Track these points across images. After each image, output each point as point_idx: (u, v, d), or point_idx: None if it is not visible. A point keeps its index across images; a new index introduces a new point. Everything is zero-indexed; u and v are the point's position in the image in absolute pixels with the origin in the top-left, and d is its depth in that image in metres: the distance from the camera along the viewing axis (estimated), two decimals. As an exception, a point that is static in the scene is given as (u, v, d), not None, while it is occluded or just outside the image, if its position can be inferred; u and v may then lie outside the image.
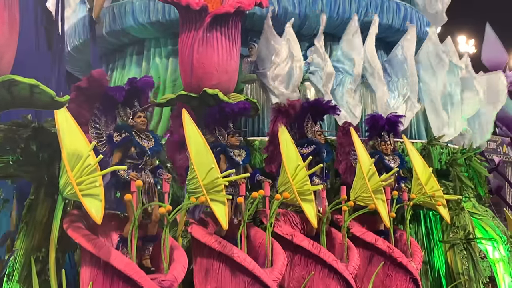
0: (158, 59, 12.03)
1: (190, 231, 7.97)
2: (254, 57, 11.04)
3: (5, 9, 6.40)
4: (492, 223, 11.89)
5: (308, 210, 8.51)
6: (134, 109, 7.41)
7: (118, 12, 11.94)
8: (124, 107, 7.40)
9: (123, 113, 7.39)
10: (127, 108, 7.40)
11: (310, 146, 9.40)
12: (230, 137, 8.58)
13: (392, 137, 10.20)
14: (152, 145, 7.40)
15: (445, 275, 10.82)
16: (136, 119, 7.38)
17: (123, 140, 7.17)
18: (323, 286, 8.68)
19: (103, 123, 7.42)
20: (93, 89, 7.24)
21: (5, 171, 7.17)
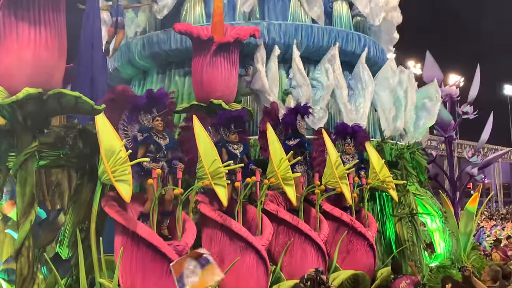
0: (177, 78, 12.04)
1: (199, 208, 7.92)
2: (250, 76, 11.01)
3: (56, 40, 6.33)
4: (430, 202, 11.90)
5: (289, 192, 8.47)
6: (153, 114, 7.38)
7: (147, 41, 11.95)
8: (145, 113, 7.40)
9: (144, 118, 7.41)
10: (147, 114, 7.39)
11: (296, 139, 9.37)
12: (231, 135, 8.53)
13: (353, 141, 10.16)
14: (167, 142, 7.38)
15: (394, 241, 10.81)
16: (154, 122, 7.37)
17: (144, 139, 7.21)
18: (301, 249, 8.68)
19: (129, 125, 7.40)
20: (119, 100, 7.23)
21: (56, 163, 7.15)
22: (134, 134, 7.29)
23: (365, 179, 10.03)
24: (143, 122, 7.39)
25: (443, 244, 11.87)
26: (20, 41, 6.10)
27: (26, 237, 6.24)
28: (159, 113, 7.39)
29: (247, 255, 7.70)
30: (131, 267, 6.73)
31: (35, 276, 6.33)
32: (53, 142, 6.96)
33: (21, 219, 6.27)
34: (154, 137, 7.26)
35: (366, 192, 10.05)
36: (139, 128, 7.36)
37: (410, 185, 11.38)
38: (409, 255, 10.57)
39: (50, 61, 6.28)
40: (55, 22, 6.33)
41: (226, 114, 8.74)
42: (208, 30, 9.98)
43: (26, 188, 6.31)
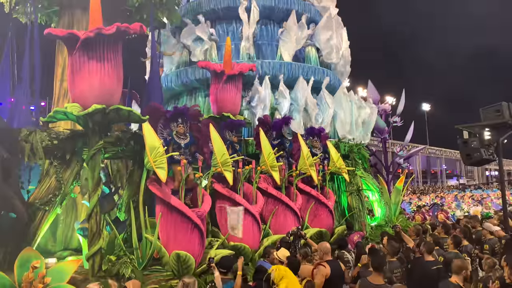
0: (200, 98, 11.90)
1: (213, 186, 7.82)
2: (248, 97, 10.90)
3: (115, 71, 6.24)
4: (371, 182, 11.79)
5: (275, 175, 8.38)
6: (177, 123, 7.25)
7: (180, 74, 11.82)
8: (172, 122, 7.24)
9: (172, 125, 7.24)
10: (174, 122, 7.24)
11: (277, 140, 9.26)
12: (233, 137, 8.42)
13: (318, 139, 10.05)
14: (187, 141, 7.23)
15: (347, 209, 10.69)
16: (178, 128, 7.22)
17: (168, 140, 7.09)
18: (283, 214, 8.58)
19: (164, 130, 7.25)
20: (154, 112, 7.12)
21: (116, 155, 7.04)
22: (165, 137, 7.16)
23: (327, 166, 9.94)
24: (171, 128, 7.24)
25: (380, 210, 11.77)
26: (90, 72, 6.03)
27: (95, 206, 6.16)
28: (182, 121, 7.27)
29: (246, 218, 7.61)
30: (166, 226, 6.63)
31: (101, 232, 6.24)
32: (114, 141, 6.81)
33: (91, 193, 6.18)
34: (175, 139, 7.14)
35: (327, 175, 9.95)
36: (168, 132, 7.22)
37: (357, 170, 11.24)
38: (357, 218, 10.46)
39: (111, 86, 6.19)
40: (115, 59, 6.25)
41: (229, 123, 8.66)
42: (221, 66, 9.86)
43: (95, 172, 6.22)
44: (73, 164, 6.64)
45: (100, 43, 6.03)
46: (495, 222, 9.52)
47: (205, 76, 11.12)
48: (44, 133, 6.50)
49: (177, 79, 11.82)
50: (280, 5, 12.10)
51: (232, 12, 12.04)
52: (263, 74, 11.11)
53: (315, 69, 11.83)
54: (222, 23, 12.34)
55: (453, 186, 63.66)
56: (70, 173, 6.62)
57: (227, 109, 9.58)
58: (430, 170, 76.23)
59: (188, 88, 12.13)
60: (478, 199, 23.36)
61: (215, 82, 9.74)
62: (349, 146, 11.30)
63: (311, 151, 9.75)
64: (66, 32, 5.91)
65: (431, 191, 48.05)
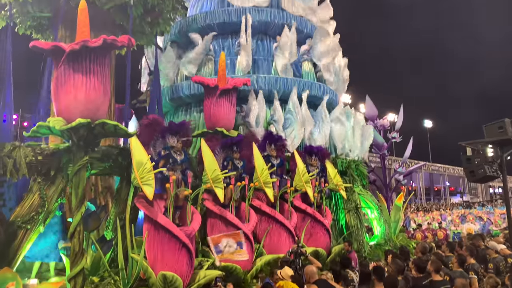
0: (195, 113, 11.73)
1: (204, 203, 7.59)
2: (243, 112, 10.74)
3: (101, 85, 6.08)
4: (370, 199, 11.56)
5: (268, 192, 8.16)
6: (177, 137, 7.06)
7: (175, 88, 11.70)
8: (172, 136, 7.05)
9: (167, 140, 7.04)
10: (173, 137, 7.05)
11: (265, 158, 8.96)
12: (234, 154, 8.22)
13: (317, 157, 9.84)
14: (182, 158, 7.03)
15: (345, 227, 10.42)
16: (177, 144, 7.03)
17: (165, 155, 6.89)
18: (277, 233, 8.33)
19: (158, 143, 7.06)
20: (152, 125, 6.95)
21: (104, 172, 6.90)
22: (159, 151, 6.96)
23: (324, 183, 9.70)
24: (169, 142, 7.02)
25: (379, 228, 11.49)
26: (75, 86, 5.87)
27: (78, 224, 5.92)
28: (180, 136, 7.08)
29: (238, 237, 7.36)
30: (154, 245, 6.39)
31: (84, 252, 6.00)
32: (101, 157, 6.69)
33: (74, 211, 5.95)
34: (173, 154, 6.93)
35: (324, 192, 9.71)
36: (163, 147, 7.02)
37: (356, 187, 11.03)
38: (355, 237, 10.19)
39: (97, 99, 6.01)
40: (102, 72, 6.10)
41: (231, 140, 8.45)
42: (215, 81, 9.74)
43: (79, 189, 6.00)
44: (58, 181, 6.45)
45: (86, 56, 5.90)
46: (500, 240, 9.29)
47: (200, 91, 10.99)
48: (28, 149, 6.34)
49: (172, 94, 11.70)
50: (276, 20, 12.06)
51: (227, 27, 12.01)
52: (258, 88, 10.98)
53: (311, 83, 11.69)
54: (218, 38, 12.29)
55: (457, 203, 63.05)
56: (54, 189, 6.43)
57: (220, 124, 9.41)
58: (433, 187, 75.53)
59: (183, 103, 12.00)
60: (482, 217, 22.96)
61: (208, 97, 9.60)
62: (347, 162, 11.09)
63: (308, 169, 9.55)
64: (51, 44, 5.79)
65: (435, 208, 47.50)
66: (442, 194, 74.06)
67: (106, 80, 6.19)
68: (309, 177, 9.03)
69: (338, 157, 11.04)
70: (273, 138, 9.11)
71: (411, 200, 67.89)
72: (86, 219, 6.26)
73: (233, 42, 12.01)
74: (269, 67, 11.95)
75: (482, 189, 77.95)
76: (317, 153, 9.95)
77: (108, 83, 6.28)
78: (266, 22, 12.04)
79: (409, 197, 15.59)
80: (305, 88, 11.37)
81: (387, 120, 13.34)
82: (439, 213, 32.27)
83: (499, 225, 18.14)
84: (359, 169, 11.38)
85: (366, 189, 11.80)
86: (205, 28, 12.12)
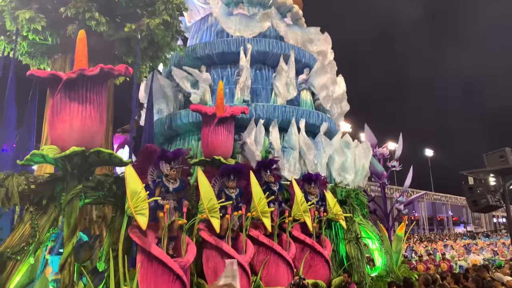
0: (193, 142, 11.71)
1: (200, 234, 7.43)
2: (242, 141, 10.71)
3: (97, 113, 6.11)
4: (370, 229, 11.29)
5: (266, 222, 8.00)
6: (171, 166, 6.98)
7: (174, 117, 11.70)
8: (166, 164, 6.97)
9: (162, 168, 6.95)
10: (167, 164, 6.97)
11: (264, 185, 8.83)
12: (229, 182, 8.10)
13: (315, 185, 9.72)
14: (177, 186, 6.91)
15: (345, 258, 10.15)
16: (171, 171, 6.94)
17: (157, 182, 6.79)
18: (275, 265, 8.10)
19: (155, 172, 6.97)
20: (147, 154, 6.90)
21: (98, 201, 6.77)
22: (154, 179, 6.88)
23: (323, 212, 9.54)
24: (162, 170, 6.95)
25: (380, 259, 11.19)
26: (71, 114, 5.89)
27: (69, 255, 5.79)
28: (175, 164, 7.01)
29: (234, 269, 7.16)
30: (147, 278, 6.22)
31: (74, 284, 5.83)
32: (95, 186, 6.59)
33: (66, 242, 5.84)
34: (165, 182, 6.83)
35: (324, 222, 9.53)
36: (158, 174, 6.94)
37: (356, 217, 10.83)
38: (356, 268, 9.92)
39: (92, 128, 6.03)
40: (97, 101, 6.14)
41: (227, 168, 8.30)
42: (213, 109, 9.76)
43: (71, 219, 5.92)
44: (50, 210, 6.32)
45: (82, 85, 5.94)
46: (506, 271, 9.07)
47: (198, 120, 10.99)
48: (21, 177, 6.26)
49: (170, 122, 11.70)
50: (274, 50, 12.22)
51: (226, 57, 12.16)
52: (256, 117, 11.00)
53: (309, 112, 11.72)
54: (217, 68, 12.43)
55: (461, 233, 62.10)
56: (46, 219, 6.28)
57: (218, 152, 9.34)
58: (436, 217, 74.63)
59: (181, 132, 11.99)
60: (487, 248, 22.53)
61: (206, 125, 9.58)
62: (346, 191, 10.95)
63: (307, 198, 9.43)
64: (48, 73, 5.84)
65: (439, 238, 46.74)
66: (445, 224, 73.08)
67: (102, 109, 6.21)
68: (307, 206, 8.89)
69: (337, 185, 10.90)
70: (266, 164, 9.01)
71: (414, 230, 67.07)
72: (78, 250, 6.12)
73: (232, 72, 12.12)
74: (267, 95, 12.02)
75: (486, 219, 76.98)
76: (316, 181, 9.83)
77: (104, 112, 6.29)
78: (264, 52, 12.20)
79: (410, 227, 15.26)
80: (304, 117, 11.39)
81: (387, 149, 13.28)
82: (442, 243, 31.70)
83: (506, 256, 17.79)
84: (359, 198, 11.21)
85: (367, 218, 11.59)
86: (204, 58, 12.28)
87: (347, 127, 43.45)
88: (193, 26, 14.32)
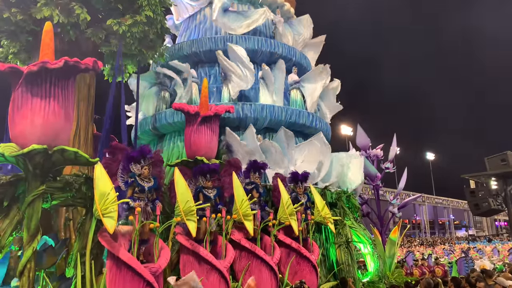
0: (179, 142, 11.34)
1: (176, 237, 7.04)
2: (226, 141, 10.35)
3: (62, 109, 5.74)
4: (362, 233, 10.90)
5: (248, 226, 7.61)
6: (141, 164, 6.60)
7: (159, 117, 11.35)
8: (135, 163, 6.59)
9: (134, 167, 6.58)
10: (137, 164, 6.59)
11: (252, 185, 8.47)
12: (206, 182, 7.70)
13: (302, 184, 9.33)
14: (151, 185, 6.54)
15: (336, 263, 9.77)
16: (142, 170, 6.57)
17: (131, 182, 6.40)
18: (257, 271, 7.70)
19: (124, 172, 6.59)
20: (115, 154, 6.53)
21: (65, 202, 6.36)
22: (126, 180, 6.50)
23: (310, 215, 9.14)
24: (133, 170, 6.56)
25: (372, 264, 10.80)
26: (33, 110, 5.53)
27: (28, 261, 5.40)
28: (145, 163, 6.63)
29: (211, 275, 6.80)
30: (115, 284, 5.83)
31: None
32: (63, 186, 6.19)
33: (25, 246, 5.45)
34: (139, 181, 6.45)
35: (312, 225, 9.13)
36: (129, 174, 6.55)
37: (347, 220, 10.45)
38: (346, 273, 9.53)
39: (56, 125, 5.66)
40: (63, 96, 5.78)
41: (202, 167, 7.90)
42: (197, 108, 9.41)
43: (32, 222, 5.53)
44: (13, 213, 5.91)
45: (46, 79, 5.59)
46: (508, 275, 8.70)
47: (183, 119, 10.63)
48: (-18, 178, 5.89)
49: (155, 122, 11.36)
50: (264, 48, 11.88)
51: (214, 55, 11.81)
52: (244, 116, 10.65)
53: (299, 112, 11.35)
54: (205, 66, 12.09)
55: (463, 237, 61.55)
56: (8, 223, 5.90)
57: (201, 152, 8.97)
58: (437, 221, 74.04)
59: (166, 132, 11.66)
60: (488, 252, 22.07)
61: (189, 124, 9.22)
62: (337, 193, 10.57)
63: (296, 198, 9.05)
64: (6, 66, 5.48)
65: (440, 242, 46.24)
66: (447, 228, 72.51)
67: (68, 105, 5.86)
68: (293, 208, 8.50)
69: (327, 188, 10.51)
70: (258, 166, 8.63)
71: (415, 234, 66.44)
72: (41, 255, 5.75)
73: (219, 70, 11.78)
74: (256, 95, 11.66)
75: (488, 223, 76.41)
76: (302, 180, 9.41)
77: (71, 108, 5.94)
78: (253, 50, 11.85)
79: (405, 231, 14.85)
80: (293, 116, 11.03)
81: (381, 150, 12.88)
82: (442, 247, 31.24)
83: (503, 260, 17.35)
84: (350, 201, 10.84)
85: (359, 222, 11.20)
86: (192, 56, 11.95)
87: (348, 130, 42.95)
88: (182, 25, 14.00)
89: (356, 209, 11.08)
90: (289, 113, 11.06)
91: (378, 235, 11.48)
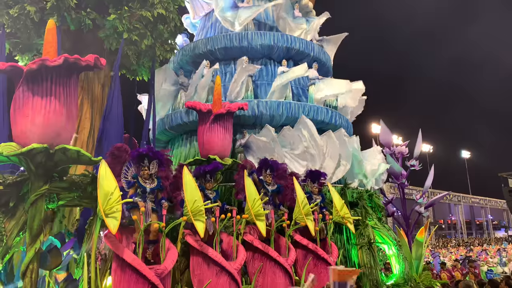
0: (195, 141, 11.15)
1: (185, 238, 6.84)
2: (245, 139, 10.08)
3: (64, 107, 5.66)
4: (386, 233, 10.38)
5: (260, 226, 7.31)
6: (143, 165, 6.44)
7: (173, 116, 11.23)
8: (137, 164, 6.44)
9: (135, 168, 6.43)
10: (138, 164, 6.44)
11: None
12: (206, 183, 7.42)
13: (317, 183, 8.95)
14: (154, 186, 6.37)
15: (357, 265, 9.32)
16: (142, 171, 6.41)
17: (132, 183, 6.27)
18: (271, 273, 7.39)
19: (129, 172, 6.45)
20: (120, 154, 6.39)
21: (72, 202, 6.31)
22: (129, 180, 6.37)
23: (328, 215, 8.74)
24: (135, 170, 6.44)
25: (398, 266, 10.26)
26: (34, 108, 5.47)
27: (31, 262, 5.34)
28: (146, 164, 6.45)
29: (221, 277, 6.54)
30: (121, 286, 5.69)
31: (38, 293, 5.37)
32: (69, 186, 6.13)
33: (28, 247, 5.39)
34: (141, 182, 6.31)
35: (330, 225, 8.73)
36: (132, 175, 6.42)
37: (370, 220, 9.97)
38: (368, 275, 9.07)
39: (58, 123, 5.58)
40: (65, 94, 5.69)
41: (202, 168, 7.57)
42: (210, 106, 9.22)
43: (34, 222, 5.47)
44: (19, 213, 5.91)
45: (46, 77, 5.51)
46: None
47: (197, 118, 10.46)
48: (-11, 178, 5.89)
49: (172, 122, 11.26)
50: (280, 44, 11.56)
51: (229, 52, 11.63)
52: (259, 114, 10.38)
53: (317, 108, 10.95)
54: (220, 64, 11.90)
55: (502, 237, 58.85)
56: (15, 223, 5.89)
57: (214, 151, 8.80)
58: (474, 221, 71.16)
59: (184, 131, 11.54)
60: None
61: (202, 123, 9.08)
62: (358, 192, 10.10)
63: (311, 197, 8.69)
64: (7, 65, 5.44)
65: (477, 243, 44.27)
66: (484, 228, 69.60)
67: (71, 103, 5.76)
68: (309, 208, 8.14)
69: (347, 186, 10.06)
70: (268, 164, 8.31)
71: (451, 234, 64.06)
72: (45, 256, 5.67)
73: (236, 68, 11.55)
74: (272, 91, 11.35)
75: (529, 223, 72.73)
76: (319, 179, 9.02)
77: (74, 106, 5.85)
78: (269, 46, 11.55)
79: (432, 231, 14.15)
80: (311, 113, 10.66)
81: (405, 147, 12.26)
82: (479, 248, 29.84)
83: None
84: (373, 200, 10.34)
85: (383, 222, 10.68)
86: (207, 54, 11.79)
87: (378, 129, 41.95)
88: (199, 23, 13.90)
89: (379, 209, 10.57)
90: (306, 110, 10.69)
91: (404, 236, 10.89)
